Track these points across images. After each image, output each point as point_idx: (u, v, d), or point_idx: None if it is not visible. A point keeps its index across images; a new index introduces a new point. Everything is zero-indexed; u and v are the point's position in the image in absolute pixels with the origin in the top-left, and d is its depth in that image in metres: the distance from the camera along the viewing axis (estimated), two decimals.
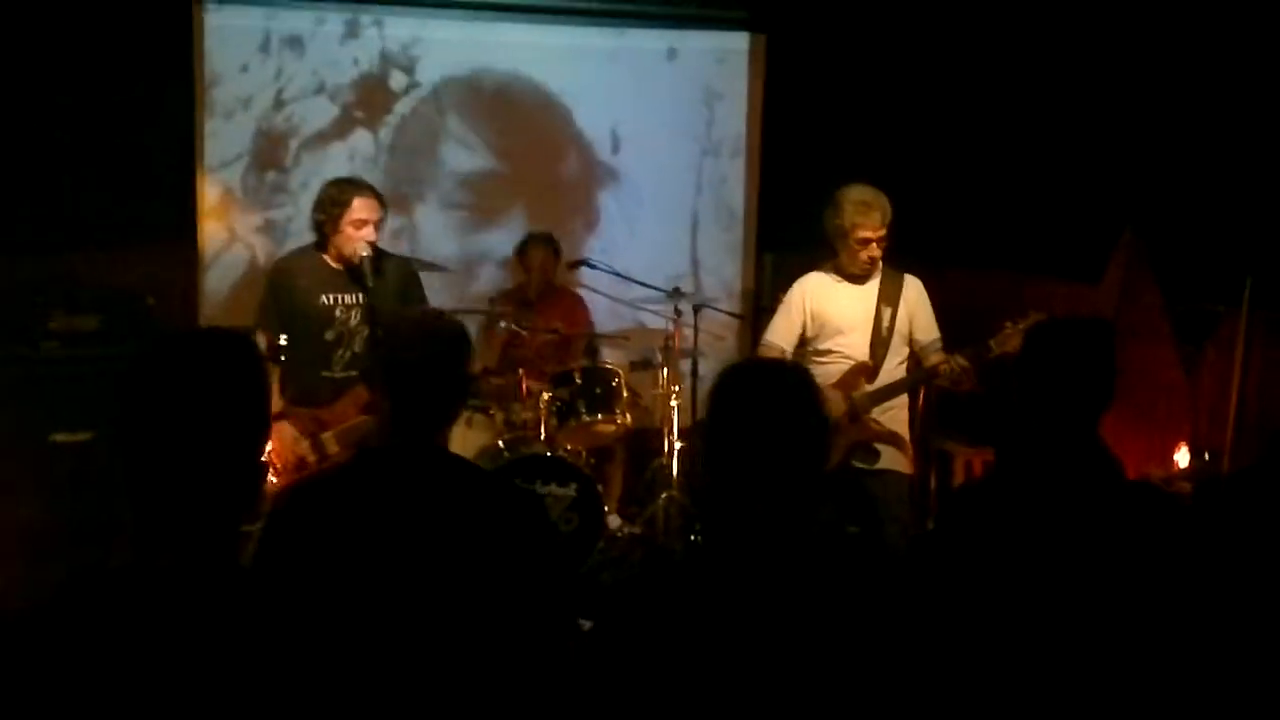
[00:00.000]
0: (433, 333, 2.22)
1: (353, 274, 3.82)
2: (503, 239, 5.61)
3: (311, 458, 3.76)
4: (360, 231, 3.76)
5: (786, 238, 5.50)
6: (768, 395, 1.86)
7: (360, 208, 3.77)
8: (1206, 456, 4.35)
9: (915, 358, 4.03)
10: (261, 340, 3.81)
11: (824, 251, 4.03)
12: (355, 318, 3.85)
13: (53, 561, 3.85)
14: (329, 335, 3.83)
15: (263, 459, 1.51)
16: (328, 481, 2.24)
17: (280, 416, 3.67)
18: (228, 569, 1.42)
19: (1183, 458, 4.45)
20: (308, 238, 3.98)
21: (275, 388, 3.78)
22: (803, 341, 4.02)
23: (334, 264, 3.84)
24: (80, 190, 4.93)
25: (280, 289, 3.87)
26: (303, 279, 3.84)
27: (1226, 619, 2.04)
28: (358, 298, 3.84)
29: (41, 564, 3.82)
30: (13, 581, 3.75)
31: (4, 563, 3.85)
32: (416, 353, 2.16)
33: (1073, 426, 2.12)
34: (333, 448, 3.78)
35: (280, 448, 3.68)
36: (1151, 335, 4.66)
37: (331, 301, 3.84)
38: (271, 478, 3.63)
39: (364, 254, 3.74)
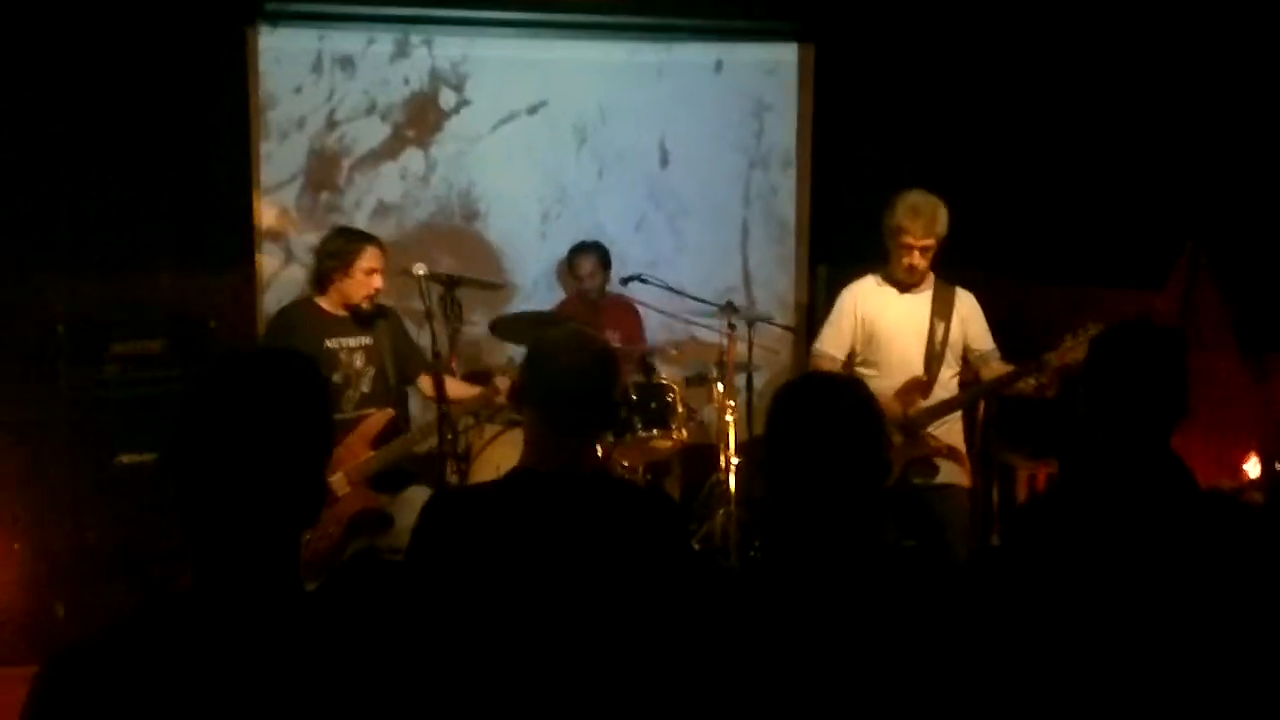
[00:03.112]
0: (582, 349, 2.16)
1: (356, 318, 4.00)
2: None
3: None
4: (370, 278, 3.97)
5: (839, 250, 5.44)
6: (827, 410, 1.85)
7: (372, 256, 3.98)
8: (1277, 466, 4.25)
9: (971, 369, 3.97)
10: None
11: (879, 263, 4.00)
12: (360, 360, 4.02)
13: (121, 582, 3.91)
14: (336, 378, 3.95)
15: (325, 477, 1.50)
16: (479, 497, 2.21)
17: None
18: (294, 592, 1.41)
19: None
20: None
21: None
22: (853, 353, 3.99)
23: (335, 310, 4.01)
24: (141, 214, 5.01)
25: (282, 337, 3.98)
26: (304, 327, 3.97)
27: None
28: (360, 341, 4.02)
29: (110, 585, 3.88)
30: (82, 603, 3.81)
31: (73, 584, 3.91)
32: (566, 368, 2.11)
33: (1145, 438, 2.06)
34: (343, 488, 3.84)
35: None
36: (1216, 344, 4.57)
37: (336, 345, 3.98)
38: None
39: (374, 296, 3.97)
